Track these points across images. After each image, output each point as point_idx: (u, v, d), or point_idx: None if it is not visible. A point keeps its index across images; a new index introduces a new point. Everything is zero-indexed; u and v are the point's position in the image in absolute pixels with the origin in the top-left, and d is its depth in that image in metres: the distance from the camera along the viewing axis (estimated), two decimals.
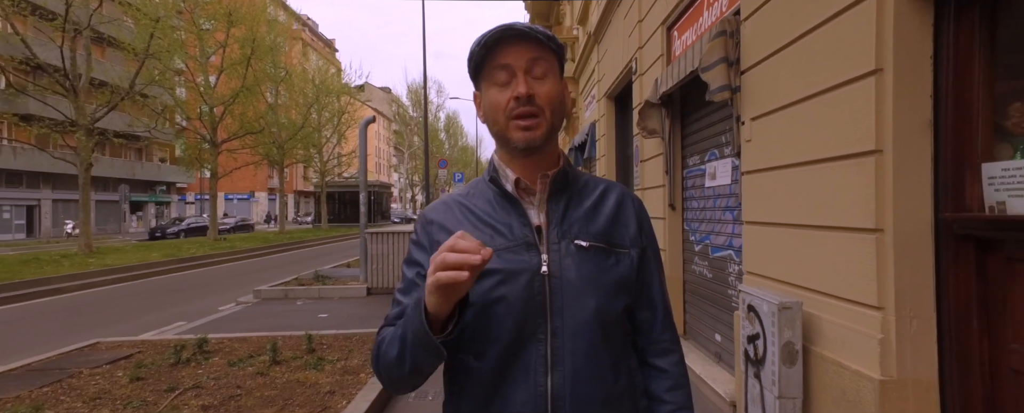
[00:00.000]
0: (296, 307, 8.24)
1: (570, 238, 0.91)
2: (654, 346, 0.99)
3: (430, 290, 0.73)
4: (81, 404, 3.59)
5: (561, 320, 0.88)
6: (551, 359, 0.87)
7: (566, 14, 14.86)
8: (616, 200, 0.98)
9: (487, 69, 0.90)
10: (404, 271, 0.97)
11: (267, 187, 48.98)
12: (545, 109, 0.88)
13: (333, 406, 3.59)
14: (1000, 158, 1.93)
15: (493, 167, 0.97)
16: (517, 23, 0.88)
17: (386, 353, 0.86)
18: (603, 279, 0.90)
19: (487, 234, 0.91)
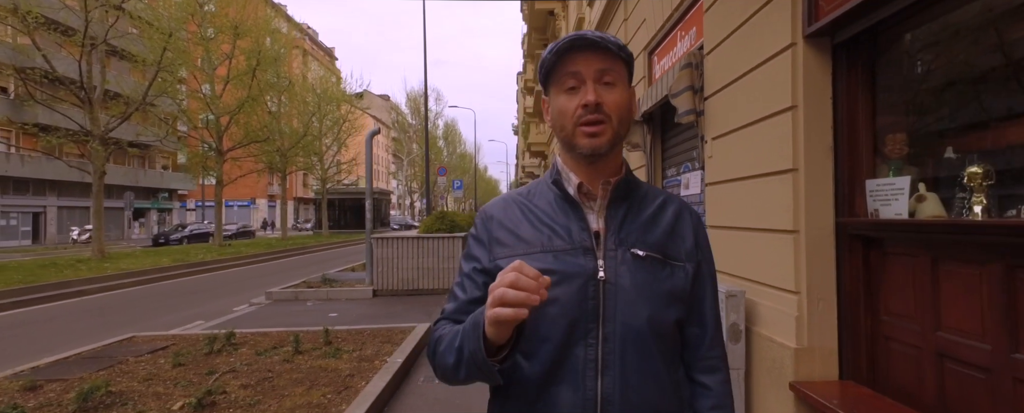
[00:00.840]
0: (306, 308, 8.78)
1: (627, 246, 0.91)
2: (701, 362, 0.98)
3: (489, 321, 0.75)
4: (137, 383, 4.15)
5: (613, 326, 0.88)
6: (601, 363, 0.87)
7: (561, 29, 15.51)
8: (674, 213, 0.98)
9: (557, 76, 0.92)
10: (462, 265, 1.00)
11: (267, 194, 49.50)
12: (612, 117, 0.90)
13: (354, 386, 4.15)
14: (879, 176, 2.53)
15: (556, 170, 0.98)
16: (589, 32, 0.90)
17: (443, 357, 0.88)
18: (657, 289, 0.90)
19: (545, 234, 0.92)
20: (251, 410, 3.62)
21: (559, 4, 15.29)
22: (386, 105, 70.43)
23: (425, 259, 9.74)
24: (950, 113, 2.25)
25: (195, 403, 3.62)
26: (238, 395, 3.90)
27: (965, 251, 2.03)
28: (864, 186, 2.56)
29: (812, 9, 2.66)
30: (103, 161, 14.65)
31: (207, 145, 20.53)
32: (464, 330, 0.83)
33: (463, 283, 0.96)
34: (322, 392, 4.01)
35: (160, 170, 37.90)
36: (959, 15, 2.15)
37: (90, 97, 14.51)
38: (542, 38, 19.56)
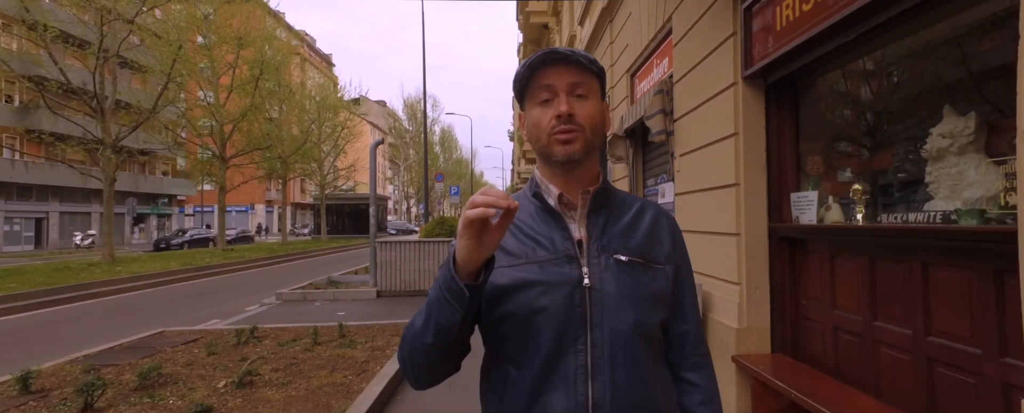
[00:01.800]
0: (315, 307, 9.37)
1: (610, 252, 0.93)
2: (686, 360, 1.01)
3: (460, 231, 0.77)
4: (180, 368, 4.75)
5: (601, 331, 0.89)
6: (591, 368, 0.88)
7: (555, 42, 16.22)
8: (652, 218, 1.00)
9: (531, 89, 0.94)
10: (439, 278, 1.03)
11: (265, 199, 49.96)
12: (585, 127, 0.92)
13: (370, 369, 4.76)
14: (801, 190, 3.19)
15: (535, 182, 1.01)
16: (560, 47, 0.94)
17: (411, 326, 0.90)
18: (641, 293, 0.92)
19: (530, 246, 0.94)
20: (285, 388, 4.23)
21: (553, 19, 16.01)
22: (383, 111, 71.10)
23: (426, 262, 10.35)
24: (847, 141, 2.91)
25: (236, 381, 4.22)
26: (271, 377, 4.51)
27: (849, 248, 2.69)
28: (789, 198, 3.22)
29: (748, 56, 3.33)
30: (114, 168, 15.21)
31: (210, 152, 21.09)
32: (436, 277, 0.86)
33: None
34: (343, 374, 4.62)
35: (160, 176, 38.35)
36: (852, 67, 2.82)
37: (102, 107, 15.09)
38: (537, 49, 20.30)
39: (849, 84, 2.88)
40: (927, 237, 2.17)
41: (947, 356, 2.09)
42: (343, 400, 3.93)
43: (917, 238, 2.23)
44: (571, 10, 11.93)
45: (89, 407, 3.69)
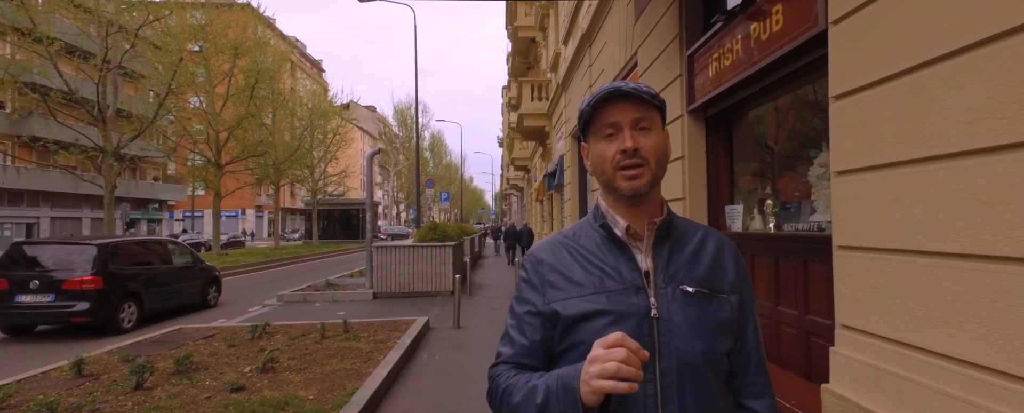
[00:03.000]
0: (315, 308, 9.98)
1: (677, 283, 0.94)
2: (748, 388, 1.01)
3: (594, 390, 0.77)
4: (206, 357, 5.39)
5: (669, 361, 0.91)
6: (661, 397, 0.90)
7: (542, 57, 17.01)
8: (715, 246, 1.01)
9: (596, 125, 0.96)
10: (514, 306, 1.03)
11: (255, 205, 50.21)
12: (650, 159, 0.94)
13: (374, 358, 5.43)
14: (734, 203, 3.95)
15: (600, 212, 1.02)
16: (623, 84, 0.95)
17: (518, 408, 0.91)
18: (708, 323, 0.93)
19: (597, 276, 0.95)
20: (302, 372, 4.89)
21: (540, 34, 16.80)
22: (373, 116, 71.58)
23: (420, 265, 11.02)
24: (768, 162, 3.68)
25: (260, 367, 4.88)
26: (288, 364, 5.16)
27: (762, 250, 3.44)
28: (725, 210, 3.97)
29: (691, 93, 4.09)
30: (115, 175, 15.69)
31: (205, 159, 21.57)
32: (549, 389, 0.86)
33: (521, 327, 0.99)
34: (351, 362, 5.29)
35: (151, 181, 38.56)
36: (768, 106, 3.59)
37: (104, 116, 15.59)
38: (525, 61, 21.07)
39: (764, 120, 3.64)
40: (807, 241, 2.92)
41: (816, 329, 2.84)
42: (354, 381, 4.60)
43: (802, 242, 2.98)
44: (556, 29, 12.72)
45: (140, 386, 4.33)
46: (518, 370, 0.97)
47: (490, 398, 1.00)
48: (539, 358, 0.98)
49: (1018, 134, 1.47)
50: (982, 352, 1.60)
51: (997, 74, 1.54)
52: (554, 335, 0.96)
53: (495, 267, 18.12)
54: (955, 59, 1.68)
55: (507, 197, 52.89)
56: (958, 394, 1.66)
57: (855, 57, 2.17)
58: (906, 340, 1.90)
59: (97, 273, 7.50)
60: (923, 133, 1.80)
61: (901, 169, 1.91)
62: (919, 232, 1.83)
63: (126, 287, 7.98)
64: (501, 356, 1.00)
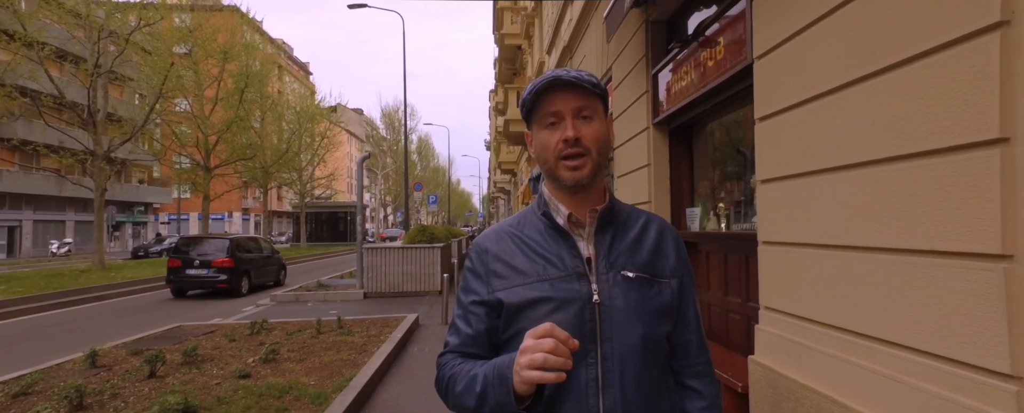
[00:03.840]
0: (307, 307, 10.34)
1: (617, 269, 0.96)
2: (690, 369, 1.04)
3: (524, 380, 0.80)
4: (210, 350, 5.75)
5: (610, 345, 0.92)
6: (602, 381, 0.91)
7: (528, 64, 17.51)
8: (657, 232, 1.03)
9: (538, 113, 0.97)
10: (460, 296, 1.04)
11: (242, 207, 50.04)
12: (591, 149, 0.95)
13: (369, 350, 5.84)
14: (693, 206, 4.44)
15: (544, 200, 1.02)
16: (564, 72, 0.96)
17: (460, 397, 0.93)
18: (648, 307, 0.95)
19: (540, 264, 0.97)
20: (302, 362, 5.28)
21: (525, 42, 17.30)
22: (360, 119, 71.60)
23: (409, 266, 11.42)
24: (721, 170, 4.17)
25: (262, 358, 5.26)
26: (288, 355, 5.55)
27: (715, 247, 3.93)
28: (685, 212, 4.46)
29: (656, 108, 4.58)
30: (105, 178, 15.86)
31: (194, 162, 21.73)
32: (487, 379, 0.88)
33: (466, 317, 1.00)
34: (347, 353, 5.69)
35: (136, 184, 38.35)
36: (721, 121, 4.09)
37: (94, 119, 15.76)
38: (511, 68, 21.57)
39: (718, 133, 4.15)
40: (747, 239, 3.41)
41: (754, 313, 3.32)
42: (351, 370, 5.01)
43: (745, 239, 3.47)
44: (541, 38, 13.21)
45: (153, 375, 4.70)
46: (464, 359, 0.98)
47: (437, 386, 1.02)
48: (485, 347, 0.99)
49: (865, 156, 1.96)
50: (852, 320, 2.07)
51: (855, 110, 2.02)
52: (499, 324, 0.97)
53: None
54: (829, 96, 2.17)
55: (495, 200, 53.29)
56: (838, 354, 2.14)
57: (770, 88, 2.66)
58: (805, 315, 2.38)
59: (230, 256, 11.87)
60: (812, 152, 2.29)
61: (799, 179, 2.40)
62: (811, 229, 2.31)
63: (244, 267, 12.33)
64: (448, 345, 1.02)
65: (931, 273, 1.69)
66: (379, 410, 4.24)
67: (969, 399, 1.55)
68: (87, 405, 3.94)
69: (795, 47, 2.44)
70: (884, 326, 1.90)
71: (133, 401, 4.09)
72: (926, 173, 1.70)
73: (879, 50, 1.89)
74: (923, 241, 1.72)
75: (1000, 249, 1.46)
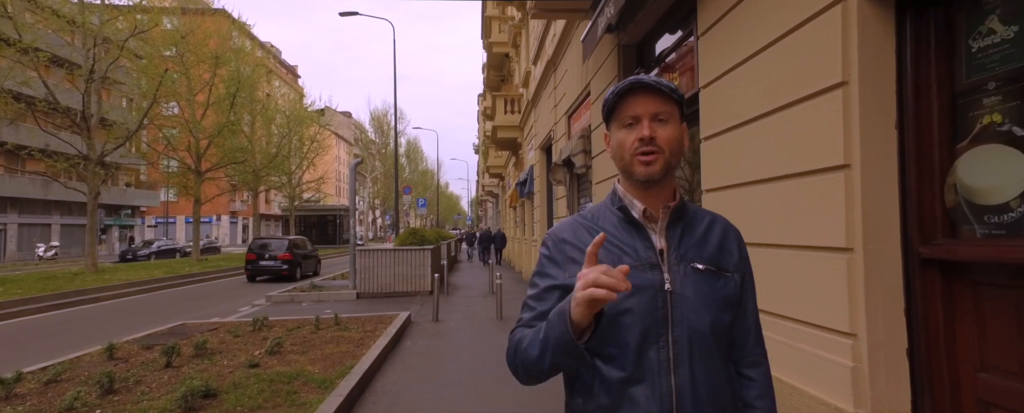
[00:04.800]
0: (302, 307, 10.75)
1: (687, 261, 1.03)
2: (747, 358, 1.10)
3: (579, 302, 0.87)
4: (217, 345, 6.19)
5: (681, 330, 1.00)
6: (673, 362, 0.99)
7: (515, 72, 18.08)
8: (721, 230, 1.10)
9: (618, 114, 1.05)
10: (536, 281, 1.10)
11: (229, 211, 49.99)
12: (665, 149, 1.01)
13: (366, 343, 6.32)
14: None
15: (618, 196, 1.10)
16: (645, 77, 1.04)
17: (526, 352, 1.00)
18: (715, 297, 1.03)
19: (616, 254, 1.03)
20: (305, 354, 5.75)
21: (513, 50, 17.87)
22: (348, 122, 71.75)
23: (400, 267, 11.88)
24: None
25: (268, 350, 5.73)
26: (291, 348, 6.01)
27: None
28: None
29: None
30: (98, 183, 16.11)
31: (186, 165, 21.98)
32: (549, 321, 0.96)
33: (540, 296, 1.07)
34: (346, 346, 6.17)
35: (123, 187, 38.24)
36: None
37: (88, 124, 16.02)
38: (499, 74, 22.13)
39: None
40: None
41: None
42: (351, 360, 5.49)
43: None
44: (527, 48, 13.79)
45: (169, 365, 5.14)
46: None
47: (508, 358, 1.08)
48: None
49: (769, 174, 2.52)
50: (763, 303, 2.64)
51: (763, 137, 2.58)
52: None
53: (470, 270, 19.02)
54: (748, 125, 2.73)
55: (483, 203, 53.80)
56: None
57: (711, 114, 3.23)
58: None
59: (289, 252, 16.12)
60: (738, 168, 2.85)
61: (731, 190, 2.96)
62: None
63: (298, 259, 16.37)
64: (521, 321, 1.09)
65: (808, 263, 2.25)
66: (378, 393, 4.73)
67: (827, 353, 2.11)
68: (116, 389, 4.38)
69: (727, 82, 3.01)
70: (783, 304, 2.46)
71: (156, 387, 4.54)
72: (804, 188, 2.27)
73: (777, 93, 2.46)
74: (803, 239, 2.28)
75: (844, 243, 2.02)
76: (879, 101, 1.96)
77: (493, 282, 10.58)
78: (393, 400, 4.54)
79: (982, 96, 1.73)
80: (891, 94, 1.96)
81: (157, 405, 3.89)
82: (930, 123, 1.88)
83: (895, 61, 1.95)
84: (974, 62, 1.75)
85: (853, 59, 1.97)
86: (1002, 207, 1.67)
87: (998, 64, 1.67)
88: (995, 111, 1.68)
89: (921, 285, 1.90)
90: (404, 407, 4.37)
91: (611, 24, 4.52)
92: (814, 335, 2.18)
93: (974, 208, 1.76)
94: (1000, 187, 1.66)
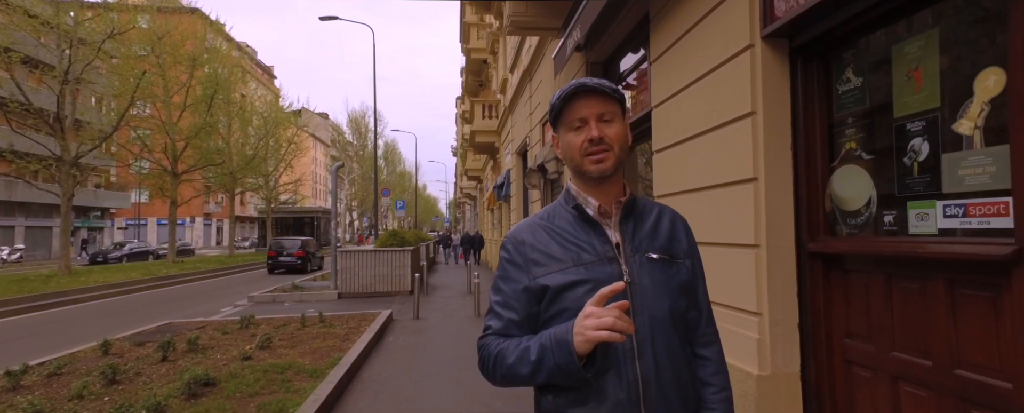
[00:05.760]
0: (285, 307, 10.99)
1: (642, 252, 1.09)
2: (701, 339, 1.16)
3: (590, 339, 0.93)
4: (208, 341, 6.49)
5: (642, 319, 1.04)
6: (637, 350, 1.03)
7: (493, 78, 18.55)
8: (670, 220, 1.17)
9: (565, 118, 1.09)
10: (500, 286, 1.14)
11: (203, 213, 49.25)
12: (614, 146, 1.07)
13: (351, 339, 6.69)
14: None
15: (572, 195, 1.15)
16: (588, 80, 1.08)
17: (513, 368, 1.04)
18: (670, 285, 1.08)
19: (574, 251, 1.08)
20: (294, 348, 6.10)
21: (491, 56, 18.34)
22: (325, 123, 71.24)
23: (381, 268, 12.22)
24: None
25: (259, 345, 6.06)
26: (280, 343, 6.35)
27: None
28: None
29: None
30: (72, 184, 16.02)
31: (162, 167, 21.85)
32: (543, 346, 1.00)
33: (507, 302, 1.10)
34: (332, 341, 6.53)
35: (93, 188, 37.47)
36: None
37: (62, 126, 15.93)
38: (477, 79, 22.57)
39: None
40: None
41: None
42: (338, 353, 5.86)
43: None
44: (505, 56, 14.28)
45: (165, 359, 5.45)
46: (505, 339, 1.09)
47: (482, 366, 1.12)
48: (524, 328, 1.09)
49: (704, 183, 3.03)
50: None
51: (700, 153, 3.09)
52: (538, 307, 1.09)
53: (447, 271, 19.39)
54: (690, 141, 3.24)
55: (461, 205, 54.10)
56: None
57: (661, 130, 3.74)
58: None
59: (301, 250, 20.08)
60: (682, 178, 3.36)
61: (677, 196, 3.47)
62: None
63: (308, 256, 20.30)
64: (490, 329, 1.12)
65: (731, 257, 2.76)
66: (365, 382, 5.13)
67: (742, 329, 2.62)
68: (119, 380, 4.69)
69: (673, 104, 3.52)
70: (715, 293, 2.96)
71: (156, 378, 4.86)
72: (727, 196, 2.78)
73: (709, 117, 2.97)
74: (728, 238, 2.79)
75: (753, 241, 2.53)
76: (778, 128, 2.47)
77: (471, 282, 10.99)
78: (379, 387, 4.95)
79: (845, 127, 2.25)
80: (787, 123, 2.48)
81: (163, 392, 4.22)
82: (814, 146, 2.40)
83: (790, 97, 2.47)
84: (840, 101, 2.28)
85: (759, 94, 2.49)
86: (856, 212, 2.19)
87: (853, 104, 2.20)
88: (852, 139, 2.20)
89: (809, 273, 2.42)
90: (389, 393, 4.78)
91: (579, 44, 5.02)
92: (734, 315, 2.69)
93: (842, 213, 2.29)
94: (855, 197, 2.19)
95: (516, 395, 4.66)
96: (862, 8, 2.04)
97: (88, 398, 4.26)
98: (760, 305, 2.49)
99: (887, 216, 2.04)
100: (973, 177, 1.68)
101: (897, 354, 2.00)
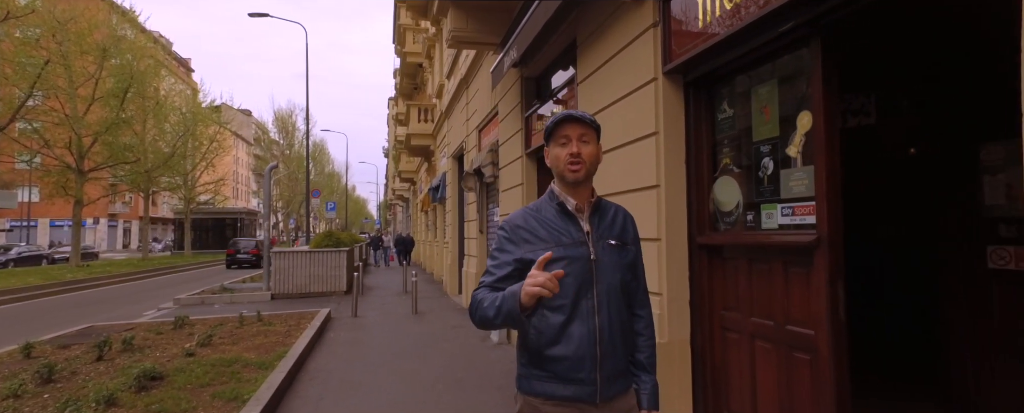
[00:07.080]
0: (215, 309, 10.72)
1: (604, 239, 1.51)
2: (638, 302, 1.60)
3: (530, 294, 1.30)
4: (142, 341, 6.41)
5: (602, 286, 1.48)
6: (597, 307, 1.46)
7: (429, 82, 18.80)
8: (623, 217, 1.59)
9: (555, 136, 1.51)
10: (496, 254, 1.54)
11: (108, 213, 45.44)
12: (586, 161, 1.49)
13: (292, 335, 6.84)
14: None
15: (555, 194, 1.55)
16: (575, 111, 1.52)
17: (485, 310, 1.43)
18: (621, 263, 1.52)
19: (555, 235, 1.49)
20: (236, 345, 6.20)
21: (427, 60, 18.58)
22: (249, 121, 67.79)
23: (316, 268, 12.20)
24: None
25: (199, 342, 6.10)
26: (222, 341, 6.41)
27: None
28: None
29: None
30: None
31: (65, 164, 20.22)
32: (504, 297, 1.38)
33: (500, 265, 1.50)
34: (274, 338, 6.66)
35: None
36: None
37: None
38: (412, 83, 22.67)
39: None
40: None
41: None
42: (282, 348, 6.04)
43: None
44: (441, 62, 14.64)
45: (101, 358, 5.41)
46: (491, 291, 1.46)
47: (470, 308, 1.50)
48: (508, 285, 1.43)
49: (623, 187, 3.65)
50: None
51: (620, 162, 3.71)
52: (524, 271, 1.41)
53: (379, 273, 19.40)
54: (614, 151, 3.85)
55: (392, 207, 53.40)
56: None
57: None
58: None
59: (256, 248, 23.39)
60: (603, 183, 3.97)
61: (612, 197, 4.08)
62: None
63: (261, 253, 20.72)
64: (483, 283, 1.50)
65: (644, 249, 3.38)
66: (312, 373, 5.38)
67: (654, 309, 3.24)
68: (55, 379, 4.67)
69: (600, 118, 4.13)
70: None
71: (95, 376, 4.85)
72: (640, 199, 3.40)
73: (626, 133, 3.59)
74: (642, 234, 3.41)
75: (656, 235, 3.17)
76: (675, 145, 3.12)
77: (408, 281, 11.25)
78: (327, 377, 5.23)
79: (723, 147, 2.93)
80: (682, 141, 3.14)
81: (110, 385, 4.29)
82: (702, 161, 3.07)
83: (684, 121, 3.13)
84: (718, 126, 2.96)
85: (661, 118, 3.12)
86: (730, 213, 2.87)
87: (728, 129, 2.88)
88: (727, 156, 2.88)
89: (697, 261, 3.08)
90: (337, 381, 5.08)
91: (515, 61, 5.57)
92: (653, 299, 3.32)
93: (720, 213, 2.97)
94: (728, 201, 2.87)
95: (457, 380, 5.12)
96: (731, 57, 2.71)
97: (25, 397, 4.24)
98: (661, 286, 3.12)
99: (749, 215, 2.72)
100: (796, 187, 2.37)
101: (754, 319, 2.68)
